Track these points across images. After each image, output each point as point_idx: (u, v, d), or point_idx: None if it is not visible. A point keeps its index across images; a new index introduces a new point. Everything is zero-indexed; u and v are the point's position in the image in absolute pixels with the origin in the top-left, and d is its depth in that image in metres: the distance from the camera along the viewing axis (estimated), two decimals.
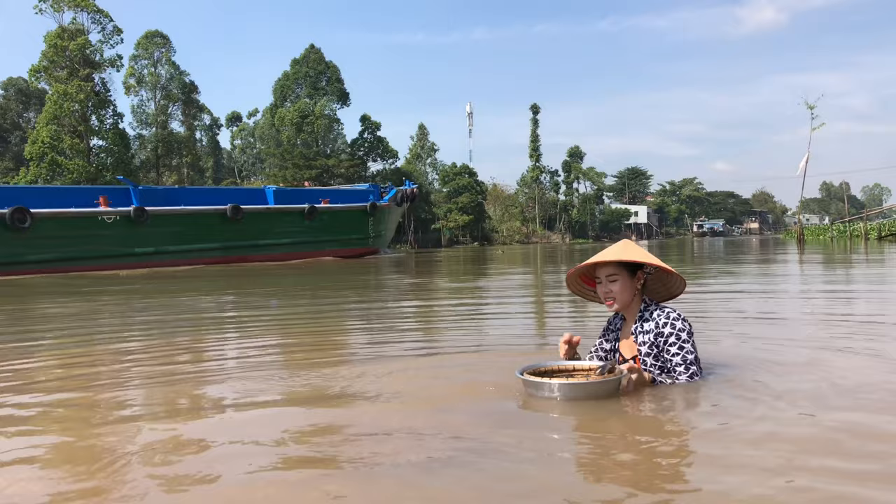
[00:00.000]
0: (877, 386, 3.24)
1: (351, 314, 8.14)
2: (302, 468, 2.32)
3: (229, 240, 27.24)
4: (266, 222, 28.60)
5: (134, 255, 24.54)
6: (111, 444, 2.67)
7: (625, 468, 2.23)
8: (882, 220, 51.76)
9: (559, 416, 2.86)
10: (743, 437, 2.44)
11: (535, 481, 2.12)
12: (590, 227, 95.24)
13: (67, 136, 42.92)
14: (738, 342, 4.61)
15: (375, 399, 3.32)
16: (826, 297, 8.16)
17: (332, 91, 62.79)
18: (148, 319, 8.15)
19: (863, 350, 4.14)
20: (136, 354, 5.21)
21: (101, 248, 23.97)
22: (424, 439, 2.55)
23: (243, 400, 3.38)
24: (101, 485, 2.21)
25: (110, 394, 3.68)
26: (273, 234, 28.64)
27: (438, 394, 3.42)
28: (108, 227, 24.38)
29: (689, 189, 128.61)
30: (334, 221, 30.64)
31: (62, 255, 22.98)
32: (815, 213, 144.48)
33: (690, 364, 3.21)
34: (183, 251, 25.87)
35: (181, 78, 55.98)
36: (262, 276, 17.61)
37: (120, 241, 24.56)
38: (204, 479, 2.23)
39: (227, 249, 27.01)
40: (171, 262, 25.03)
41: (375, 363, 4.32)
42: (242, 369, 4.30)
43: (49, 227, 22.97)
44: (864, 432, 2.50)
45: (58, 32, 44.10)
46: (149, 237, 25.18)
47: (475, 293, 10.96)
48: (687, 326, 3.26)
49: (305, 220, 29.53)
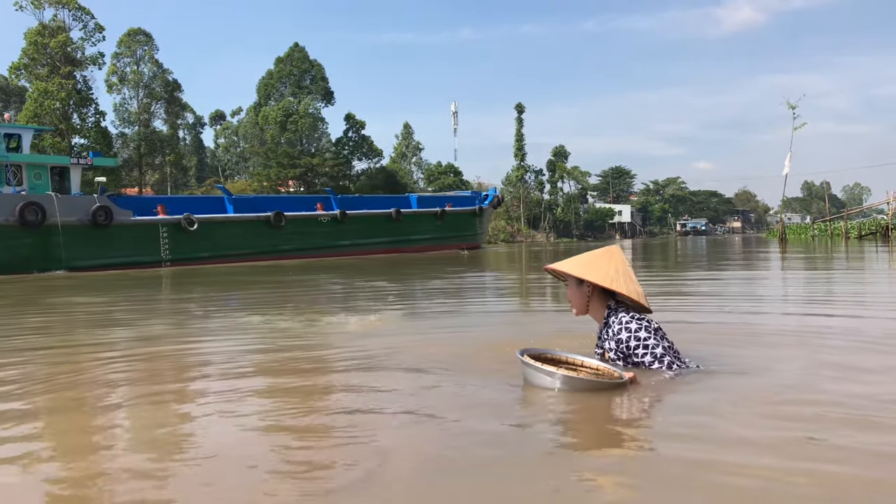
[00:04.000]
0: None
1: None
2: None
3: (393, 235, 34.20)
4: (414, 222, 35.48)
5: (338, 247, 31.43)
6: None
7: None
8: (862, 220, 52.37)
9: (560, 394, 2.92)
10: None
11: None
12: (574, 226, 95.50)
13: (48, 134, 42.45)
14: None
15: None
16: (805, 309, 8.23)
17: (316, 90, 62.53)
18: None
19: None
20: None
21: (319, 241, 31.22)
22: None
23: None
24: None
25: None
26: (418, 230, 35.45)
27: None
28: (323, 225, 31.91)
29: (672, 188, 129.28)
30: (455, 221, 37.49)
31: (299, 246, 30.09)
32: (797, 212, 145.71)
33: (662, 356, 3.31)
34: (368, 244, 32.73)
35: (164, 76, 55.49)
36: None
37: (330, 236, 31.86)
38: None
39: (392, 242, 33.91)
40: (359, 251, 31.57)
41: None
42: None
43: (293, 226, 30.45)
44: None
45: (38, 30, 43.61)
46: (347, 233, 32.37)
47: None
48: (643, 324, 3.37)
49: (438, 221, 36.45)
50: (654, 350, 3.31)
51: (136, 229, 26.11)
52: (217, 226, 28.27)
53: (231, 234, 28.53)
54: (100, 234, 25.09)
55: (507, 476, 2.25)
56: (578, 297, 3.54)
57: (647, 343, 3.32)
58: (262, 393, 3.64)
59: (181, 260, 26.65)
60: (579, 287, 3.52)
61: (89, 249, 24.65)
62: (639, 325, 3.36)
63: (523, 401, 3.16)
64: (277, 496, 2.15)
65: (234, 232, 28.67)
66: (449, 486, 2.19)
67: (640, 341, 3.33)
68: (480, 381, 3.48)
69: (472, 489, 2.15)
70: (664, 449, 2.49)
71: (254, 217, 29.41)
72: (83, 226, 24.78)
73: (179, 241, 26.97)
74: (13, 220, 23.33)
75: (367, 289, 12.00)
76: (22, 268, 22.95)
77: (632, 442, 2.61)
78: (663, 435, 2.66)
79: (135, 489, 2.27)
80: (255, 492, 2.20)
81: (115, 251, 25.16)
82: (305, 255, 29.36)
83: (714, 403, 2.96)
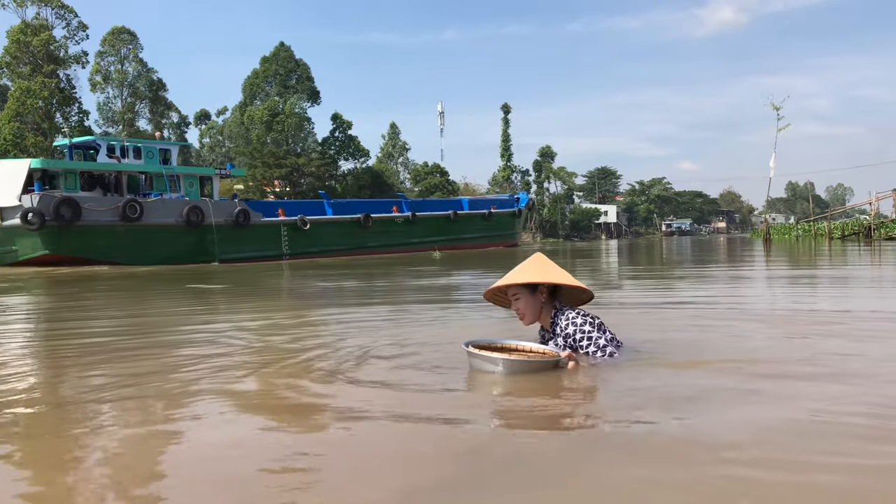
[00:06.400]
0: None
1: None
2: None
3: (450, 233, 38.44)
4: (467, 222, 39.94)
5: (409, 243, 35.66)
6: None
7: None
8: (845, 220, 52.88)
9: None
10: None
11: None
12: (560, 226, 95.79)
13: (31, 133, 42.05)
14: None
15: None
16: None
17: (302, 89, 62.30)
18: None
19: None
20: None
21: (396, 238, 35.72)
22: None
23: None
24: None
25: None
26: (470, 230, 39.72)
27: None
28: (398, 225, 36.65)
29: (658, 189, 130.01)
30: (499, 222, 41.87)
31: (381, 243, 34.53)
32: (781, 213, 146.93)
33: (604, 346, 3.66)
34: (431, 241, 35.75)
35: (149, 75, 55.17)
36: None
37: (404, 234, 36.44)
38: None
39: (449, 240, 37.54)
40: (425, 248, 34.46)
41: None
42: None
43: (377, 226, 35.17)
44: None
45: (21, 28, 43.26)
46: (416, 231, 36.84)
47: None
48: (588, 319, 3.72)
49: (486, 221, 40.89)
50: (597, 341, 3.65)
51: (265, 229, 31.24)
52: (322, 225, 33.37)
53: (332, 232, 33.50)
54: (240, 232, 30.02)
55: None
56: (532, 305, 3.77)
57: (590, 335, 3.66)
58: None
59: (296, 254, 31.28)
60: (533, 295, 3.75)
61: (233, 245, 29.45)
62: (583, 319, 3.69)
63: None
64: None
65: (334, 231, 33.73)
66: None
67: (585, 334, 3.66)
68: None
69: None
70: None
71: (349, 218, 34.52)
72: (228, 226, 29.74)
73: (295, 238, 31.94)
74: (181, 221, 28.33)
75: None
76: (185, 260, 27.17)
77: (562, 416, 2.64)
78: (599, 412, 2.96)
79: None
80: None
81: (251, 247, 29.94)
82: (385, 251, 33.64)
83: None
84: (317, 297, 10.73)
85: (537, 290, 3.76)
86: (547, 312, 3.79)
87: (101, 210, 26.52)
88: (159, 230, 27.75)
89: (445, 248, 35.13)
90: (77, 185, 27.42)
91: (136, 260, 25.91)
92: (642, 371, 3.52)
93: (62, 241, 25.54)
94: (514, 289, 3.80)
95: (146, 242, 27.09)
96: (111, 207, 26.75)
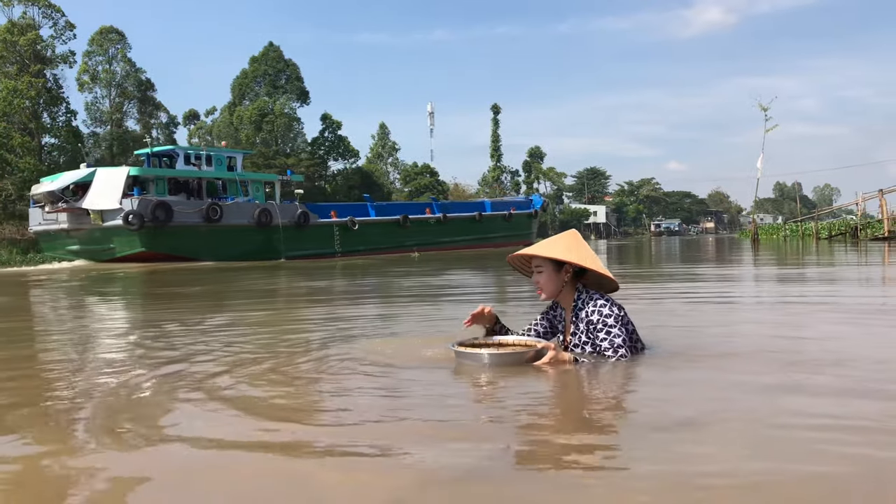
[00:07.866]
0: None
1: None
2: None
3: (476, 233, 40.89)
4: (490, 223, 42.19)
5: (440, 242, 38.07)
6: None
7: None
8: (832, 220, 53.24)
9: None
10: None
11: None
12: (550, 226, 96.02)
13: (17, 133, 41.66)
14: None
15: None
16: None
17: (291, 89, 62.16)
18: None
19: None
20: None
21: (429, 237, 37.88)
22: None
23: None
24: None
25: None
26: (492, 230, 41.86)
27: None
28: (431, 225, 38.97)
29: (646, 189, 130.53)
30: (517, 223, 44.27)
31: (417, 242, 36.29)
32: (769, 213, 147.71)
33: (618, 347, 3.42)
34: (460, 240, 39.09)
35: (137, 75, 54.82)
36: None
37: (435, 233, 38.68)
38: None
39: (475, 239, 40.13)
40: (454, 246, 37.83)
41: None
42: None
43: (414, 226, 37.67)
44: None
45: (7, 27, 42.87)
46: (446, 231, 39.24)
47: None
48: (615, 312, 3.47)
49: (507, 222, 43.29)
50: (613, 339, 3.43)
51: (321, 229, 33.92)
52: (368, 226, 35.92)
53: (376, 232, 36.10)
54: (301, 232, 32.73)
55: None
56: (554, 282, 3.58)
57: (610, 330, 3.44)
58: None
59: (347, 252, 33.72)
60: (557, 272, 3.57)
61: (295, 244, 32.01)
62: (610, 311, 3.47)
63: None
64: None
65: (378, 231, 36.32)
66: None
67: (606, 327, 3.45)
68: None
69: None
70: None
71: (390, 219, 37.22)
72: (292, 226, 32.41)
73: (346, 237, 34.60)
74: (253, 222, 31.21)
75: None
76: (256, 257, 29.55)
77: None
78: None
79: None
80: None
81: (310, 245, 32.50)
82: (420, 249, 35.54)
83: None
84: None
85: (563, 268, 3.55)
86: (568, 293, 3.59)
87: (188, 212, 29.68)
88: (235, 230, 30.81)
89: (470, 247, 38.57)
90: (165, 190, 30.21)
91: (216, 256, 28.58)
92: (631, 370, 3.45)
93: (157, 240, 28.48)
94: (539, 260, 3.61)
95: (225, 241, 29.97)
96: (197, 210, 29.89)
